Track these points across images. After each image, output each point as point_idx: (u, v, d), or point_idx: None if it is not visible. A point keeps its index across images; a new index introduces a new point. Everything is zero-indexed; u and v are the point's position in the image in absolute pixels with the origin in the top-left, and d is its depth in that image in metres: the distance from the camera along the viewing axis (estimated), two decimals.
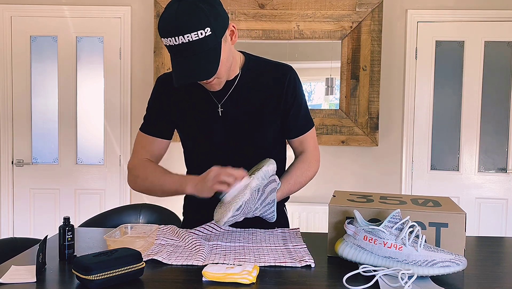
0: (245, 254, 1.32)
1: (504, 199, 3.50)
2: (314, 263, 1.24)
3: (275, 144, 1.64)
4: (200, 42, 1.31)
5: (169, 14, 1.31)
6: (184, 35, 1.29)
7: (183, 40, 1.30)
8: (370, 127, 3.45)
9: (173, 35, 1.30)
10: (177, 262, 1.25)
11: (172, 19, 1.29)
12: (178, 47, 1.31)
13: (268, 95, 1.54)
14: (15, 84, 3.62)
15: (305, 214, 3.41)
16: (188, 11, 1.29)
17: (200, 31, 1.30)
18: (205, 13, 1.31)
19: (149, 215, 2.29)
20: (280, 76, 1.55)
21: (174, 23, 1.29)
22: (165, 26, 1.31)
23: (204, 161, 1.58)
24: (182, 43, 1.30)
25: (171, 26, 1.29)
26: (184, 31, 1.29)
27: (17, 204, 3.67)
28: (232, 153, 1.56)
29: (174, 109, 1.57)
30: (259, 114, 1.55)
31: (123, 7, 3.55)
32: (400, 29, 3.49)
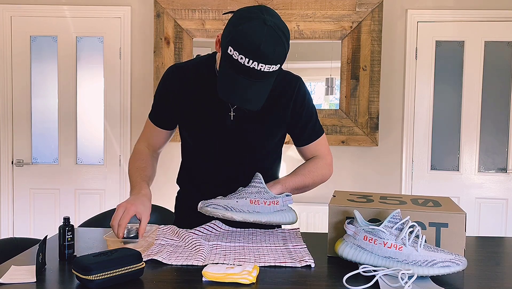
0: (245, 254, 1.32)
1: (504, 199, 3.50)
2: (314, 263, 1.24)
3: (275, 150, 1.66)
4: (267, 74, 1.31)
5: (255, 36, 1.26)
6: (260, 63, 1.28)
7: (255, 66, 1.28)
8: (370, 127, 3.45)
9: (250, 58, 1.27)
10: (177, 262, 1.25)
11: (258, 43, 1.26)
12: (246, 68, 1.29)
13: (277, 104, 1.55)
14: (15, 84, 3.62)
15: (305, 214, 3.41)
16: (273, 43, 1.27)
17: (274, 66, 1.31)
18: (285, 50, 1.31)
19: None
20: (289, 87, 1.56)
21: (258, 49, 1.26)
22: (246, 45, 1.27)
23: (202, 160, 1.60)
24: (252, 68, 1.28)
25: (254, 50, 1.26)
26: (264, 61, 1.28)
27: (17, 204, 3.67)
28: (232, 156, 1.57)
29: (181, 104, 1.55)
30: (268, 122, 1.55)
31: (123, 7, 3.55)
32: (400, 29, 3.49)
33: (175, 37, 3.49)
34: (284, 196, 1.45)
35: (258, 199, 1.40)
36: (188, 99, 1.54)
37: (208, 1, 3.45)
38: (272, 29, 1.27)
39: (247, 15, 1.31)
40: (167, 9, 3.47)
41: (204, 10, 3.46)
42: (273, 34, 1.27)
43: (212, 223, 1.55)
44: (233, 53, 1.28)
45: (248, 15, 1.30)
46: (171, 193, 1.78)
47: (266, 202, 1.41)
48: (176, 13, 3.47)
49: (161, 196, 3.47)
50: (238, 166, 1.57)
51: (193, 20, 3.47)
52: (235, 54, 1.28)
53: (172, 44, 3.49)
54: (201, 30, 3.48)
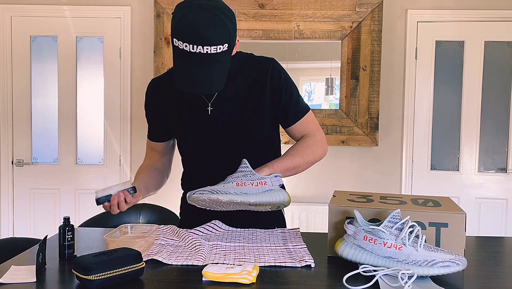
0: (245, 254, 1.32)
1: (504, 199, 3.50)
2: (314, 263, 1.24)
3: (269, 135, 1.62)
4: (216, 56, 1.32)
5: (193, 20, 1.29)
6: (204, 46, 1.29)
7: (201, 50, 1.29)
8: (370, 127, 3.45)
9: (192, 43, 1.29)
10: (177, 262, 1.25)
11: (195, 27, 1.28)
12: (193, 54, 1.30)
13: (254, 89, 1.53)
14: (15, 84, 3.62)
15: (305, 214, 3.41)
16: (212, 23, 1.29)
17: (220, 46, 1.31)
18: (227, 29, 1.32)
19: (149, 215, 2.29)
20: (262, 71, 1.54)
21: (197, 32, 1.28)
22: (185, 31, 1.29)
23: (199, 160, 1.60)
24: (199, 53, 1.30)
25: (193, 34, 1.28)
26: (205, 43, 1.29)
27: (17, 204, 3.67)
28: (226, 149, 1.56)
29: (165, 113, 1.60)
30: (248, 109, 1.54)
31: (123, 7, 3.55)
32: (400, 29, 3.49)
33: None
34: (272, 176, 1.40)
35: (245, 181, 1.36)
36: (171, 106, 1.57)
37: None
38: (209, 11, 1.30)
39: (183, 5, 1.34)
40: (167, 9, 3.46)
41: None
42: (211, 16, 1.29)
43: (212, 223, 1.55)
44: (178, 44, 1.31)
45: (184, 4, 1.34)
46: (171, 193, 1.78)
47: (253, 183, 1.36)
48: None
49: (161, 196, 3.47)
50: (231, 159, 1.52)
51: None
52: (180, 44, 1.30)
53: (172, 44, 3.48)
54: None
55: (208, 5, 1.30)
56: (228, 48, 1.34)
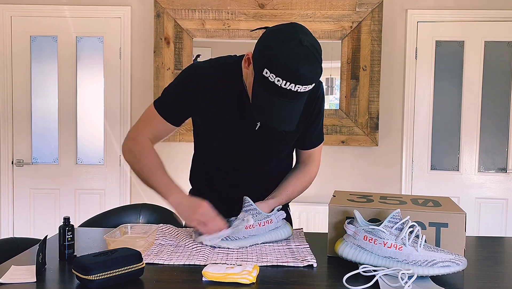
0: (247, 253, 1.32)
1: (504, 199, 3.50)
2: (316, 263, 1.24)
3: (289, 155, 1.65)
4: (304, 93, 1.28)
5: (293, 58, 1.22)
6: (298, 85, 1.24)
7: (292, 88, 1.24)
8: (370, 127, 3.45)
9: (288, 81, 1.23)
10: (179, 261, 1.25)
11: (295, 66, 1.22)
12: (282, 89, 1.25)
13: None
14: (15, 84, 3.62)
15: (305, 214, 3.41)
16: (310, 63, 1.24)
17: (310, 86, 1.27)
18: (321, 70, 1.28)
19: (149, 215, 2.29)
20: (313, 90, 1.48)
21: (296, 71, 1.22)
22: (284, 69, 1.23)
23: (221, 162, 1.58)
24: (289, 90, 1.24)
25: (291, 73, 1.22)
26: (301, 83, 1.24)
27: (17, 204, 3.67)
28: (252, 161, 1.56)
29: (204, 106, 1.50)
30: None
31: (123, 7, 3.55)
32: (400, 29, 3.49)
33: (175, 37, 3.49)
34: (275, 212, 1.46)
35: (252, 223, 1.41)
36: (212, 102, 1.49)
37: (208, 1, 3.45)
38: (308, 49, 1.24)
39: (282, 36, 1.26)
40: (167, 9, 3.47)
41: (204, 10, 3.46)
42: (310, 55, 1.24)
43: None
44: (270, 76, 1.24)
45: (283, 36, 1.26)
46: None
47: (260, 224, 1.42)
48: (176, 13, 3.47)
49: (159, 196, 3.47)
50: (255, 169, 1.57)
51: (193, 20, 3.47)
52: (271, 77, 1.24)
53: (172, 44, 3.49)
54: (201, 30, 3.48)
55: (308, 42, 1.24)
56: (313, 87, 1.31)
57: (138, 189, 3.56)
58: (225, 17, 3.45)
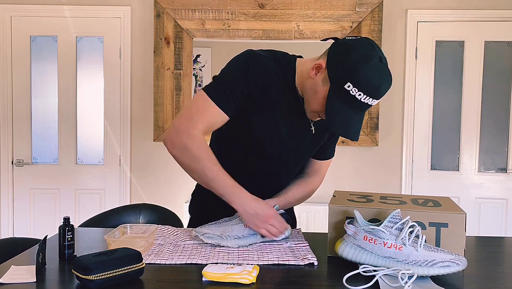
0: (248, 253, 1.32)
1: (504, 199, 3.50)
2: (317, 261, 1.24)
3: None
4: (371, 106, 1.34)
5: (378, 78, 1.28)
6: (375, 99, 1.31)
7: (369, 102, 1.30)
8: (370, 127, 3.45)
9: (374, 98, 1.30)
10: (181, 260, 1.25)
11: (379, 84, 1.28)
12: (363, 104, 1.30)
13: None
14: (15, 84, 3.62)
15: (305, 214, 3.41)
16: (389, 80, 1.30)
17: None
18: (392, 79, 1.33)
19: (149, 215, 2.29)
20: None
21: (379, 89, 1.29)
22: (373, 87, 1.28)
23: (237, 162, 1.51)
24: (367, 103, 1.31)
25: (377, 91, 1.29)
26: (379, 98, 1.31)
27: (17, 204, 3.67)
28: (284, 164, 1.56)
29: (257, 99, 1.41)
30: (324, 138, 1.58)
31: (123, 7, 3.55)
32: (400, 29, 3.49)
33: (175, 37, 3.49)
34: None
35: None
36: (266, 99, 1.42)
37: (208, 1, 3.45)
38: (385, 66, 1.30)
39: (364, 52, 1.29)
40: (167, 9, 3.47)
41: (204, 10, 3.45)
42: (388, 72, 1.31)
43: None
44: (351, 89, 1.28)
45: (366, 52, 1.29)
46: (170, 193, 1.77)
47: None
48: (176, 13, 3.47)
49: (161, 196, 3.47)
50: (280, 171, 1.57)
51: (193, 20, 3.47)
52: (353, 91, 1.28)
53: (172, 44, 3.49)
54: (201, 30, 3.48)
55: (384, 59, 1.31)
56: None
57: (138, 189, 3.56)
58: (225, 17, 3.45)
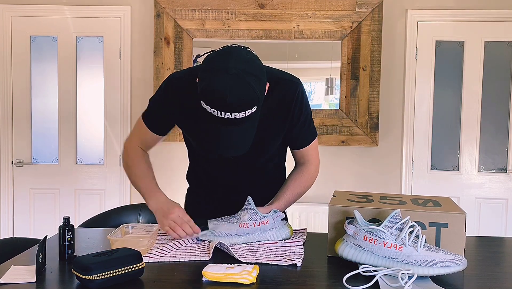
0: (239, 249, 1.33)
1: (504, 199, 3.50)
2: (300, 262, 1.24)
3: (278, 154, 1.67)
4: (243, 119, 1.28)
5: (220, 88, 1.24)
6: (232, 113, 1.25)
7: (229, 116, 1.26)
8: (370, 127, 3.45)
9: (220, 110, 1.25)
10: (184, 258, 1.26)
11: (223, 95, 1.23)
12: (223, 119, 1.27)
13: (277, 111, 1.53)
14: (15, 84, 3.62)
15: (305, 214, 3.41)
16: (240, 90, 1.25)
17: (248, 110, 1.27)
18: (255, 92, 1.27)
19: (149, 215, 2.29)
20: (289, 93, 1.52)
21: (224, 101, 1.24)
22: (213, 99, 1.25)
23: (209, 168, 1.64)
24: (227, 118, 1.26)
25: (221, 102, 1.24)
26: (233, 110, 1.25)
27: (17, 204, 3.67)
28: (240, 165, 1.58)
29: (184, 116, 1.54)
30: (269, 130, 1.55)
31: (123, 7, 3.55)
32: (400, 29, 3.49)
33: (175, 37, 3.49)
34: (272, 213, 1.46)
35: (247, 222, 1.42)
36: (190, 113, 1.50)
37: (208, 1, 3.45)
38: (236, 76, 1.24)
39: (210, 67, 1.29)
40: (167, 9, 3.47)
41: (204, 10, 3.45)
42: (238, 82, 1.24)
43: None
44: (206, 107, 1.27)
45: (211, 67, 1.29)
46: (170, 194, 1.77)
47: (255, 224, 1.43)
48: (176, 13, 3.47)
49: None
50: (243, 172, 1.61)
51: (193, 20, 3.47)
52: (208, 108, 1.27)
53: (172, 44, 3.49)
54: (201, 30, 3.48)
55: (236, 69, 1.25)
56: (257, 109, 1.31)
57: None
58: (225, 17, 3.45)
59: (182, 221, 1.43)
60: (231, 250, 1.28)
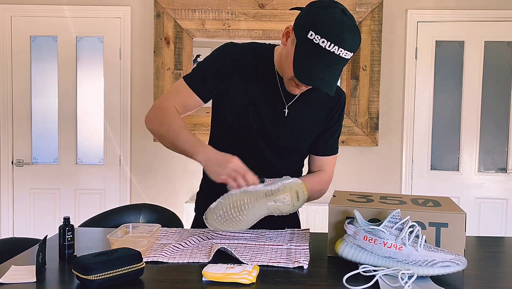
0: (243, 251, 1.33)
1: (504, 199, 3.50)
2: (307, 264, 1.23)
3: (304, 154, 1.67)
4: (343, 61, 1.35)
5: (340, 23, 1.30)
6: (341, 48, 1.30)
7: (335, 51, 1.30)
8: (370, 127, 3.45)
9: (334, 43, 1.29)
10: (183, 259, 1.26)
11: (342, 30, 1.29)
12: (327, 52, 1.31)
13: (321, 109, 1.57)
14: (15, 84, 3.62)
15: (305, 214, 3.41)
16: (354, 30, 1.32)
17: (350, 53, 1.34)
18: (360, 40, 1.36)
19: (149, 215, 2.29)
20: (335, 97, 1.57)
21: (343, 35, 1.29)
22: (333, 31, 1.29)
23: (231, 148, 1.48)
24: (338, 55, 1.31)
25: (341, 37, 1.29)
26: (344, 47, 1.31)
27: (17, 204, 3.67)
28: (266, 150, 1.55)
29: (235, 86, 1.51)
30: (310, 126, 1.57)
31: (123, 7, 3.55)
32: (400, 29, 3.49)
33: (175, 37, 3.49)
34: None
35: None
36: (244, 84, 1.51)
37: (208, 1, 3.45)
38: (350, 18, 1.33)
39: (325, 4, 1.34)
40: (167, 9, 3.47)
41: (204, 10, 3.46)
42: (352, 23, 1.33)
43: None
44: (314, 37, 1.30)
45: (326, 4, 1.34)
46: (170, 194, 1.78)
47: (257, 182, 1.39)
48: (176, 13, 3.47)
49: (160, 195, 3.47)
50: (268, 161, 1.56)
51: (193, 20, 3.47)
52: (316, 38, 1.30)
53: (172, 44, 3.49)
54: (201, 30, 3.48)
55: (349, 13, 1.34)
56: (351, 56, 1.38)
57: (138, 189, 3.56)
58: (225, 17, 3.45)
59: (242, 171, 1.34)
60: (235, 254, 1.27)
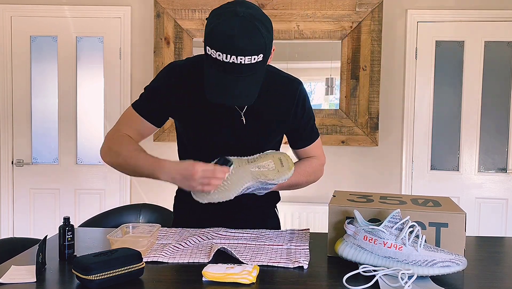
0: (243, 252, 1.33)
1: (504, 199, 3.50)
2: (307, 264, 1.23)
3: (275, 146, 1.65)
4: (250, 66, 1.27)
5: (227, 29, 1.23)
6: (238, 56, 1.24)
7: (234, 60, 1.24)
8: (370, 127, 3.45)
9: (226, 53, 1.24)
10: (183, 260, 1.26)
11: (230, 36, 1.23)
12: (226, 64, 1.25)
13: (279, 108, 1.53)
14: (15, 84, 3.62)
15: (305, 214, 3.41)
16: (248, 32, 1.24)
17: (254, 56, 1.26)
18: (263, 39, 1.26)
19: (149, 215, 2.29)
20: (290, 91, 1.53)
21: (231, 41, 1.23)
22: (219, 40, 1.24)
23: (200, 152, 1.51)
24: (232, 63, 1.25)
25: (227, 43, 1.23)
26: (239, 53, 1.24)
27: (17, 204, 3.67)
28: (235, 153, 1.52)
29: (183, 104, 1.49)
30: (272, 126, 1.55)
31: (123, 7, 3.55)
32: (400, 29, 3.49)
33: (175, 37, 3.49)
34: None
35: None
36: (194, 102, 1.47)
37: (208, 1, 3.45)
38: (244, 18, 1.24)
39: (218, 11, 1.29)
40: (167, 9, 3.47)
41: (204, 10, 3.46)
42: (247, 24, 1.24)
43: (219, 228, 1.53)
44: (211, 52, 1.26)
45: (219, 11, 1.29)
46: (170, 194, 1.77)
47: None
48: (176, 13, 3.47)
49: (161, 195, 3.47)
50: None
51: (193, 20, 3.47)
52: (213, 53, 1.25)
53: (172, 44, 3.49)
54: (201, 30, 3.48)
55: (245, 13, 1.25)
56: (263, 58, 1.29)
57: (138, 189, 3.56)
58: None
59: (210, 172, 1.33)
60: (235, 254, 1.27)
